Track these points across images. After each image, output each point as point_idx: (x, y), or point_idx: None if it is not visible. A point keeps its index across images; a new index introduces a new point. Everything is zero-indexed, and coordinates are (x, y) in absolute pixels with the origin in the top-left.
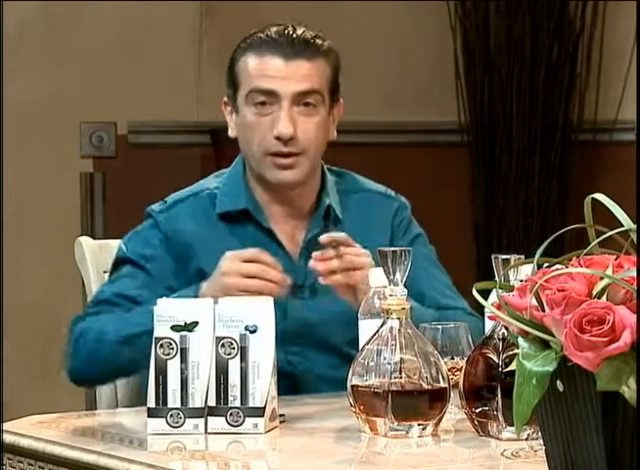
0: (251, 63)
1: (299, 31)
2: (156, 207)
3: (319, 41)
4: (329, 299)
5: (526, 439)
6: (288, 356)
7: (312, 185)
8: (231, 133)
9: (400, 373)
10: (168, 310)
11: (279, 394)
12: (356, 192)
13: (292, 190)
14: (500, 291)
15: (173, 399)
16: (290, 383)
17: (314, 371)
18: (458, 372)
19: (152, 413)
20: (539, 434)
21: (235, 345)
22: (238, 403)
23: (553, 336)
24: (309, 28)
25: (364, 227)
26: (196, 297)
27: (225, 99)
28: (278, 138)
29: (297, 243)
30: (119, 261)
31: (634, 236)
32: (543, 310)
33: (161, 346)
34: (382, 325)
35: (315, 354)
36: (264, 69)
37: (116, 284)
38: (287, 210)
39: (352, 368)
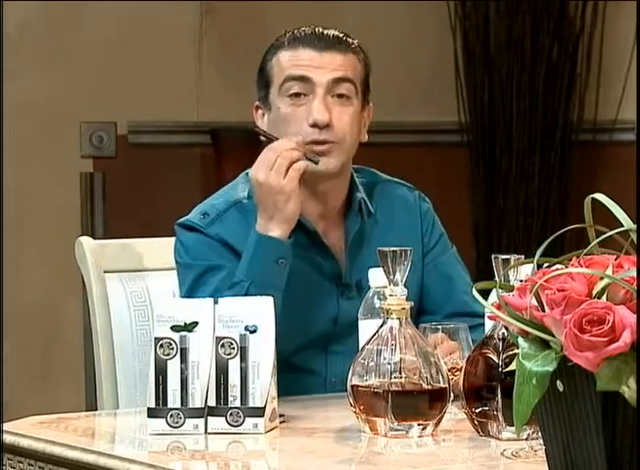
0: (283, 57)
1: (330, 30)
2: (197, 220)
3: (350, 39)
4: None
5: (526, 439)
6: (328, 356)
7: (344, 182)
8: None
9: (400, 373)
10: (168, 310)
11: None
12: (377, 184)
13: (326, 182)
14: (500, 291)
15: (173, 400)
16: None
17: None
18: (458, 372)
19: (152, 413)
20: (539, 434)
21: (235, 345)
22: (238, 403)
23: (553, 336)
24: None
25: (394, 216)
26: (262, 237)
27: (257, 103)
28: (314, 125)
29: (337, 242)
30: (200, 275)
31: (634, 236)
32: (543, 310)
33: (161, 346)
34: (382, 325)
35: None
36: (298, 59)
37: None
38: (321, 208)
39: (352, 368)
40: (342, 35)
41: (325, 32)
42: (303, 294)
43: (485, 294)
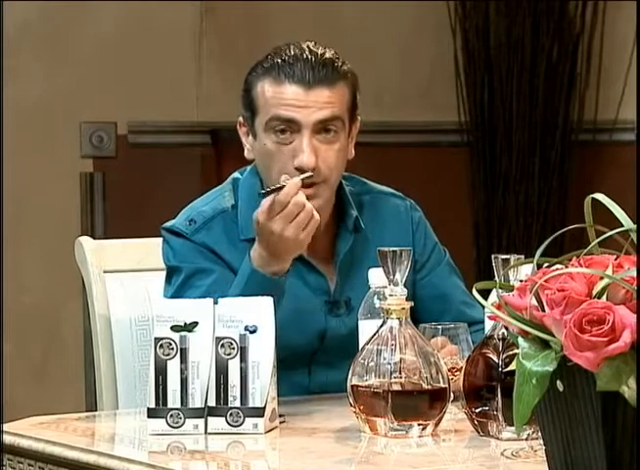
0: (269, 89)
1: (317, 54)
2: (183, 227)
3: (338, 64)
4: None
5: (526, 439)
6: (312, 367)
7: (329, 203)
8: (247, 155)
9: (400, 373)
10: (168, 311)
11: None
12: (365, 194)
13: None
14: (500, 291)
15: (173, 400)
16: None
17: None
18: (458, 372)
19: (152, 414)
20: (539, 434)
21: (235, 345)
22: (238, 404)
23: (553, 336)
24: (320, 45)
25: (385, 230)
26: (257, 273)
27: (241, 119)
28: (299, 169)
29: (325, 257)
30: (187, 278)
31: (634, 236)
32: (543, 310)
33: (161, 346)
34: (382, 325)
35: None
36: (284, 97)
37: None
38: None
39: (352, 368)
40: (329, 61)
41: (313, 60)
42: (289, 307)
43: (485, 294)
